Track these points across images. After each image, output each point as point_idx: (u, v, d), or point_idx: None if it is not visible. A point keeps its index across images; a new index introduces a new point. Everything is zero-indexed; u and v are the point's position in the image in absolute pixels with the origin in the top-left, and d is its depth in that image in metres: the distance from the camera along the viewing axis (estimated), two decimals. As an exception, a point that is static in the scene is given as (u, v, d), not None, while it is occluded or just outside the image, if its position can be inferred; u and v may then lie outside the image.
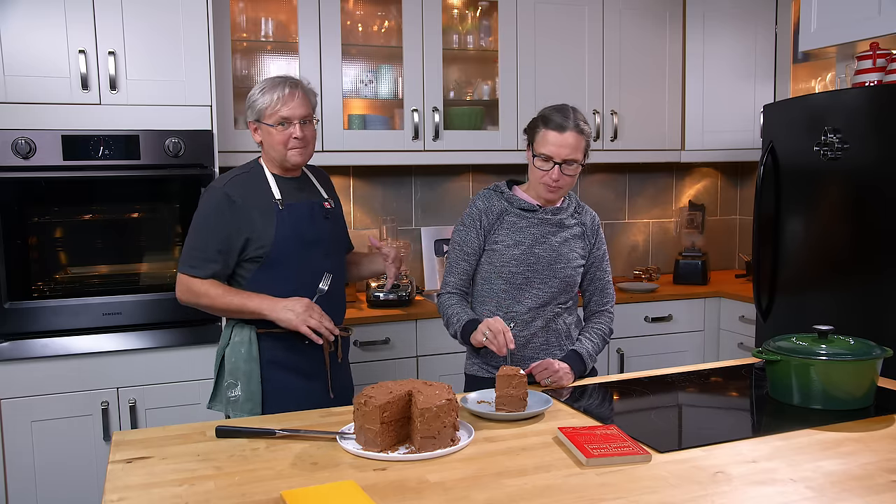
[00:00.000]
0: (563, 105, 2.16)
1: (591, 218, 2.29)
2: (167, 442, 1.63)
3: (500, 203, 2.22)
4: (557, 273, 2.19)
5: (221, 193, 2.13)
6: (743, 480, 1.40)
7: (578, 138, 2.10)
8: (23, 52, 2.63)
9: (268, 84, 2.16)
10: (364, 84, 3.46)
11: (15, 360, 2.66)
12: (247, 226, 2.12)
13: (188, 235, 2.16)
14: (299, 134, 2.14)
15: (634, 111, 3.75)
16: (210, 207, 2.14)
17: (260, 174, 2.20)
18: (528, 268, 2.17)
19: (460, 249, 2.23)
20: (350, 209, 3.65)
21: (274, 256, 2.13)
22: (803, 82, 3.69)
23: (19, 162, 2.62)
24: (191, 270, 2.13)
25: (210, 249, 2.11)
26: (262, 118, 2.15)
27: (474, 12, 3.61)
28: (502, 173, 3.82)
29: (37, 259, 2.75)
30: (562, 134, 2.08)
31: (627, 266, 4.17)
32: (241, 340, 2.15)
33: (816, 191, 2.84)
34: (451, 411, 1.56)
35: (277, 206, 2.15)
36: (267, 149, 2.19)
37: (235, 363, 2.15)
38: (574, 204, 2.27)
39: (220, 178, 2.21)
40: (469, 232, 2.22)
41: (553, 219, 2.21)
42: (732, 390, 2.05)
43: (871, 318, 2.61)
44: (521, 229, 2.19)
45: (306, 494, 1.32)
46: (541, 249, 2.18)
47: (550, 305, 2.20)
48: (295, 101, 2.14)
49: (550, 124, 2.10)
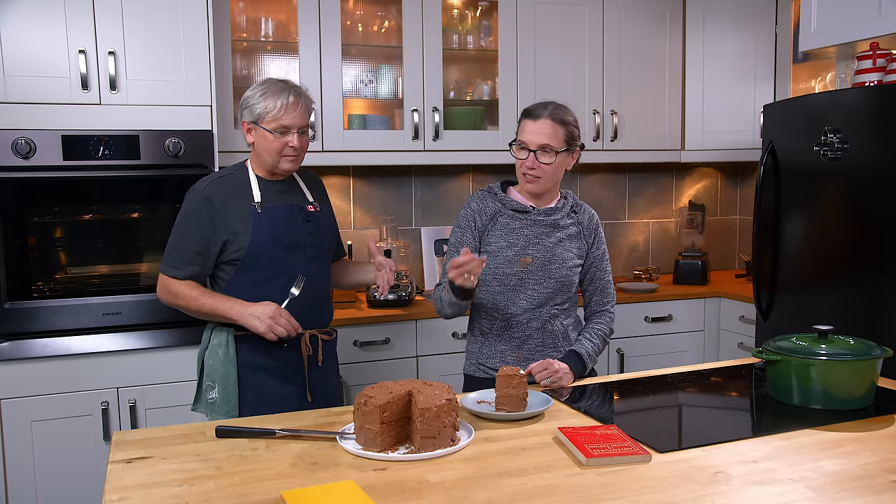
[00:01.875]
0: (548, 101, 2.20)
1: (590, 217, 2.29)
2: (167, 442, 1.63)
3: (493, 204, 2.23)
4: (552, 274, 2.19)
5: (201, 196, 2.15)
6: (743, 480, 1.40)
7: (554, 126, 2.12)
8: (23, 52, 2.63)
9: (270, 88, 2.15)
10: (364, 84, 3.46)
11: (15, 360, 2.66)
12: (223, 228, 2.14)
13: (170, 236, 2.19)
14: (296, 143, 2.15)
15: (634, 111, 3.75)
16: (190, 209, 2.16)
17: (243, 176, 2.21)
18: (522, 269, 2.18)
19: (456, 250, 2.23)
20: (350, 209, 3.65)
21: (251, 259, 2.15)
22: (803, 82, 3.69)
23: (19, 162, 2.63)
24: (170, 271, 2.16)
25: (188, 251, 2.14)
26: (260, 122, 2.14)
27: (474, 12, 3.61)
28: (502, 173, 3.82)
29: (37, 259, 2.75)
30: (536, 121, 2.13)
31: (627, 266, 4.17)
32: (219, 343, 2.17)
33: (816, 191, 2.84)
34: (451, 411, 1.56)
35: (255, 209, 2.16)
36: (259, 151, 2.19)
37: (213, 365, 2.17)
38: (571, 203, 2.27)
39: (203, 179, 2.22)
40: (465, 233, 2.23)
41: (546, 220, 2.21)
42: (732, 390, 2.05)
43: (871, 318, 2.61)
44: (515, 230, 2.19)
45: (306, 494, 1.32)
46: (534, 250, 2.18)
47: (546, 307, 2.20)
48: (297, 110, 2.14)
49: (528, 114, 2.17)
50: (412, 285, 3.32)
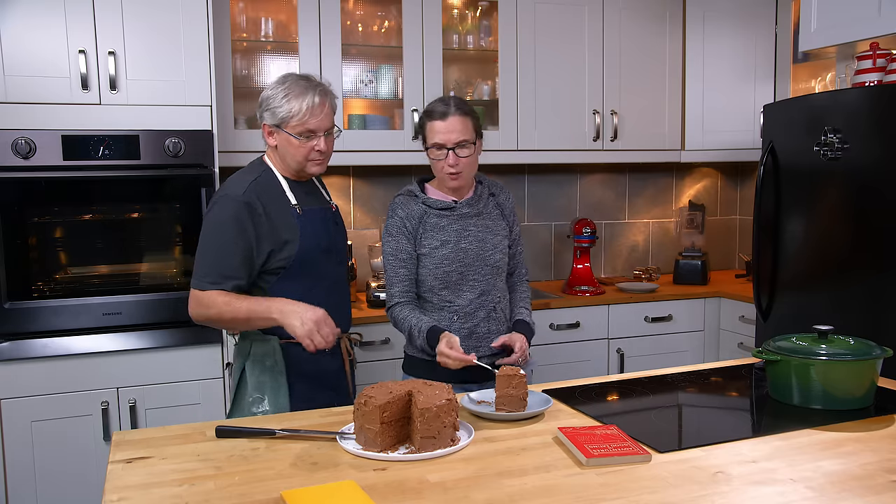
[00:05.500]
0: (442, 96, 2.24)
1: (507, 196, 2.37)
2: (167, 442, 1.62)
3: (417, 207, 2.24)
4: (487, 261, 2.24)
5: (241, 203, 1.97)
6: (743, 480, 1.40)
7: (463, 120, 2.16)
8: (23, 52, 2.63)
9: (293, 87, 2.00)
10: (364, 84, 3.46)
11: (15, 360, 2.66)
12: (269, 236, 1.99)
13: (203, 249, 2.00)
14: (323, 147, 2.03)
15: (634, 111, 3.75)
16: (227, 217, 1.96)
17: (273, 179, 2.06)
18: (460, 264, 2.21)
19: (395, 258, 2.22)
20: (350, 209, 3.65)
21: (296, 267, 2.02)
22: (803, 82, 3.69)
23: (19, 162, 2.63)
24: (209, 287, 1.96)
25: (231, 263, 1.96)
26: (283, 125, 2.00)
27: (474, 12, 3.61)
28: (502, 173, 3.82)
29: (37, 259, 2.75)
30: (444, 121, 2.16)
31: (627, 266, 4.17)
32: (264, 353, 2.04)
33: (816, 191, 2.84)
34: (451, 411, 1.56)
35: (296, 211, 2.04)
36: (283, 155, 2.05)
37: (260, 377, 2.03)
38: (487, 187, 2.33)
39: (234, 185, 2.02)
40: (399, 239, 2.22)
41: (471, 210, 2.26)
42: (732, 390, 2.05)
43: (871, 318, 2.61)
44: (444, 228, 2.23)
45: (306, 494, 1.32)
46: (466, 243, 2.23)
47: (490, 294, 2.25)
48: (324, 111, 2.00)
49: (433, 115, 2.19)
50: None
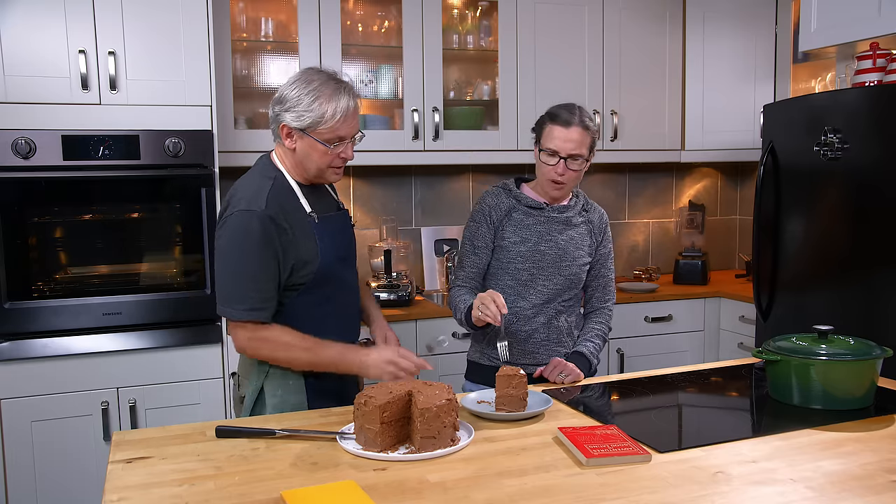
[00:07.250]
0: (570, 103, 2.21)
1: (600, 216, 2.33)
2: (167, 442, 1.62)
3: (508, 200, 2.25)
4: (562, 270, 2.22)
5: (265, 217, 1.79)
6: (743, 480, 1.40)
7: (583, 134, 2.14)
8: (23, 52, 2.63)
9: (323, 89, 1.81)
10: (364, 84, 3.46)
11: (15, 360, 2.66)
12: (293, 249, 1.83)
13: (233, 271, 1.82)
14: (349, 154, 1.89)
15: (634, 111, 3.75)
16: (254, 234, 1.78)
17: (285, 185, 1.89)
18: (534, 264, 2.21)
19: (471, 244, 2.26)
20: (350, 209, 3.64)
21: (318, 280, 1.88)
22: (803, 82, 3.69)
23: (19, 162, 2.63)
24: (254, 315, 1.79)
25: (266, 286, 1.81)
26: (310, 130, 1.82)
27: (474, 12, 3.61)
28: (502, 173, 3.82)
29: (37, 259, 2.74)
30: (567, 129, 2.13)
31: (627, 266, 4.17)
32: (283, 371, 1.90)
33: (816, 191, 2.84)
34: (451, 411, 1.56)
35: (313, 220, 1.88)
36: (302, 160, 1.87)
37: (282, 396, 1.90)
38: (582, 202, 2.31)
39: (251, 196, 1.82)
40: (480, 227, 2.25)
41: (560, 216, 2.24)
42: (732, 390, 2.05)
43: (871, 318, 2.61)
44: (528, 226, 2.22)
45: (306, 494, 1.32)
46: (546, 246, 2.21)
47: (554, 303, 2.23)
48: (356, 117, 1.86)
49: (557, 120, 2.15)
50: (412, 285, 3.31)
